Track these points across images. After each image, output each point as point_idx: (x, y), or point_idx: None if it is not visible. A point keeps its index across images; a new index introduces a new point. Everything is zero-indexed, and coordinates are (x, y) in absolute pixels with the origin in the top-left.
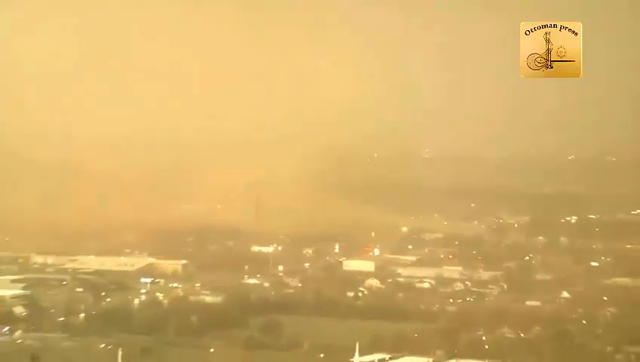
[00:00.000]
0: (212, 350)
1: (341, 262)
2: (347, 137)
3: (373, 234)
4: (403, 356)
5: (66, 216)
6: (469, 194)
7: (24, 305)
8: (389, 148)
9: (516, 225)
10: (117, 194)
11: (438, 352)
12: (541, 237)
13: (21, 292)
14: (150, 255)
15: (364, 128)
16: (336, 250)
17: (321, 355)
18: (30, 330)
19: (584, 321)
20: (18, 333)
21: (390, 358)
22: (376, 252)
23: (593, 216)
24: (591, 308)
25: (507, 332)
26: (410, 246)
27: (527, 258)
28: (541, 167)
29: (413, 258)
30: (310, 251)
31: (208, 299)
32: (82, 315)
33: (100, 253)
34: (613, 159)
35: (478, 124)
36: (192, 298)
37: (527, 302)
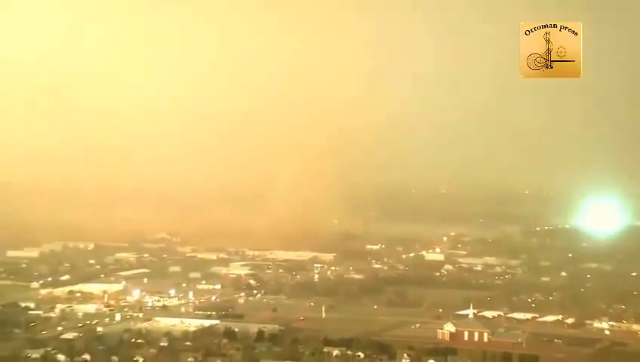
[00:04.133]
0: (375, 307)
1: (423, 254)
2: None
3: (433, 238)
4: (484, 311)
5: (261, 223)
6: (476, 215)
7: (254, 279)
8: (419, 187)
9: (518, 232)
10: (284, 211)
11: (504, 308)
12: (534, 240)
13: (249, 271)
14: (310, 251)
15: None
16: (417, 247)
17: (440, 310)
18: (264, 294)
19: (582, 289)
20: (258, 296)
21: (478, 312)
22: (437, 249)
23: (548, 228)
24: (582, 281)
25: (539, 296)
26: (459, 245)
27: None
28: (504, 197)
29: (464, 252)
30: (401, 248)
31: (356, 276)
32: (288, 285)
33: (284, 249)
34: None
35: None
36: (345, 276)
37: (542, 278)
